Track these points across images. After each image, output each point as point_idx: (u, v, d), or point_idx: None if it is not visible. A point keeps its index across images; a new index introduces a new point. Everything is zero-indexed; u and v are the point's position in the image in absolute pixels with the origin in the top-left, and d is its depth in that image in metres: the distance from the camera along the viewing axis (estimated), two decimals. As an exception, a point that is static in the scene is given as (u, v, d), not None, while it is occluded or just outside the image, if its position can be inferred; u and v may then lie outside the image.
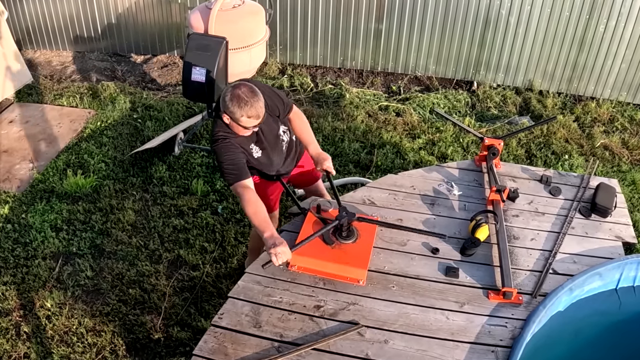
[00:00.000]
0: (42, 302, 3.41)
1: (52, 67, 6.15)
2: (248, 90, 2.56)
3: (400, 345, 2.23)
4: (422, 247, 2.70)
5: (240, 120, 2.58)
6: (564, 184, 3.18)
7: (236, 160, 2.65)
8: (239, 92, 2.54)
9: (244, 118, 2.57)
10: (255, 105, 2.56)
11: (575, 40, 5.38)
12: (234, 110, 2.55)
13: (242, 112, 2.54)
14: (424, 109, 5.37)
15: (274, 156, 2.91)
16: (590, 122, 5.31)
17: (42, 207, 4.08)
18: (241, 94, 2.54)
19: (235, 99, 2.54)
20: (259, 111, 2.58)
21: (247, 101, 2.53)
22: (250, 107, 2.54)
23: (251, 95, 2.55)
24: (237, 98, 2.54)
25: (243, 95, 2.54)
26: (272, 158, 2.89)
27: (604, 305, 2.67)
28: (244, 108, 2.54)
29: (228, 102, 2.56)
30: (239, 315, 2.31)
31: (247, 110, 2.54)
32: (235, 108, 2.54)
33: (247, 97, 2.54)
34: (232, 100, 2.54)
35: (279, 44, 5.94)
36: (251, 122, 2.60)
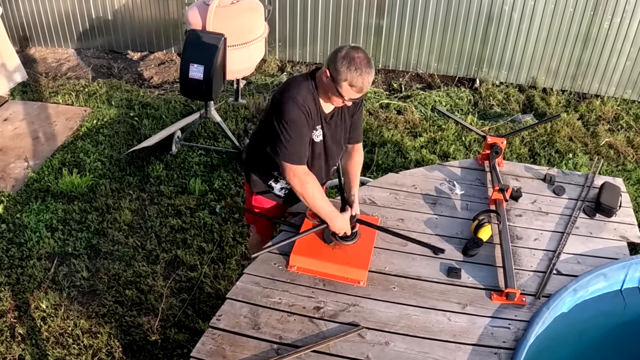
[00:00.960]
0: (37, 303, 3.41)
1: (48, 65, 6.14)
2: (365, 57, 2.31)
3: (402, 347, 2.22)
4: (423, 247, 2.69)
5: (341, 85, 2.32)
6: (568, 183, 3.18)
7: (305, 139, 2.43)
8: (355, 55, 2.29)
9: (346, 83, 2.31)
10: (365, 76, 2.31)
11: (579, 36, 5.38)
12: (341, 70, 2.29)
13: (349, 76, 2.29)
14: (425, 107, 5.36)
15: (322, 159, 2.65)
16: (594, 120, 5.31)
17: (37, 206, 4.08)
18: (357, 58, 2.29)
19: (349, 59, 2.29)
20: (365, 84, 2.33)
21: (360, 67, 2.28)
22: (360, 75, 2.29)
23: (366, 64, 2.31)
24: (352, 60, 2.28)
25: (358, 59, 2.29)
26: (322, 157, 2.64)
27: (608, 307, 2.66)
28: (353, 72, 2.28)
29: (339, 59, 2.29)
30: (237, 316, 2.31)
31: (355, 76, 2.29)
32: (344, 68, 2.28)
33: (361, 64, 2.29)
34: (345, 59, 2.29)
35: (278, 41, 5.94)
36: (351, 93, 2.35)
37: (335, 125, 2.59)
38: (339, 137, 2.64)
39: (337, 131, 2.61)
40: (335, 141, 2.64)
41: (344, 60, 2.28)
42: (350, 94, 2.35)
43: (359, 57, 2.28)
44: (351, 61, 2.28)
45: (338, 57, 2.30)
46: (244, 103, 5.25)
